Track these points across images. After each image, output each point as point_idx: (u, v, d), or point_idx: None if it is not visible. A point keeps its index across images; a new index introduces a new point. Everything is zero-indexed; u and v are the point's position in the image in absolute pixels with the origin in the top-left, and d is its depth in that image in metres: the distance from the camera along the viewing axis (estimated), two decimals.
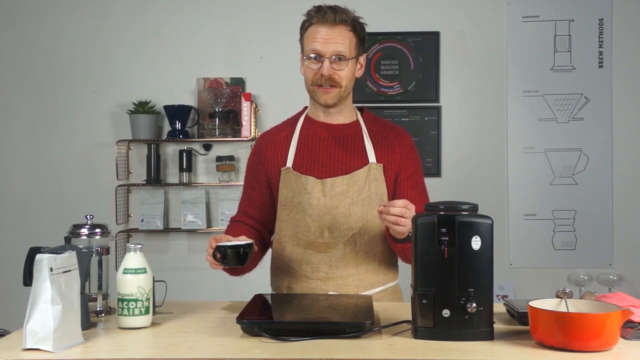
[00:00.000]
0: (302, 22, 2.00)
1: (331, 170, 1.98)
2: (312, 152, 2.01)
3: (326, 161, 1.99)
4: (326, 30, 1.92)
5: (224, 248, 1.77)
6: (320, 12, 1.94)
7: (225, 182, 3.76)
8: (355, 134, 2.03)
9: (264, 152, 2.08)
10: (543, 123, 3.79)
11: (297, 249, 1.99)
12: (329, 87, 1.95)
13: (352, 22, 1.96)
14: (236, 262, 1.79)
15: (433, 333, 1.49)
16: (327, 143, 2.01)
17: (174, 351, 1.45)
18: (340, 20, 1.93)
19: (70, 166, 3.90)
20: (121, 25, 3.89)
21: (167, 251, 3.87)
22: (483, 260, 1.49)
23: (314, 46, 1.93)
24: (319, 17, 1.93)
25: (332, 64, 1.92)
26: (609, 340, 1.39)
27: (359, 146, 2.01)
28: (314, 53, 1.93)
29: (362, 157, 2.00)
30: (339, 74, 1.94)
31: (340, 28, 1.93)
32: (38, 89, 3.91)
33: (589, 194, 3.76)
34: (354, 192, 1.95)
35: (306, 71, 1.97)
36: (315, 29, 1.94)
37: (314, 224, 1.96)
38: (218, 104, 3.75)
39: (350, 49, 1.94)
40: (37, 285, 1.43)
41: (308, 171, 1.99)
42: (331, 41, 1.92)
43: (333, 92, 1.96)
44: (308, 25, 1.97)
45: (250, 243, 1.81)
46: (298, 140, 2.04)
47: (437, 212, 1.52)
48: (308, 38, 1.96)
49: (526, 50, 3.78)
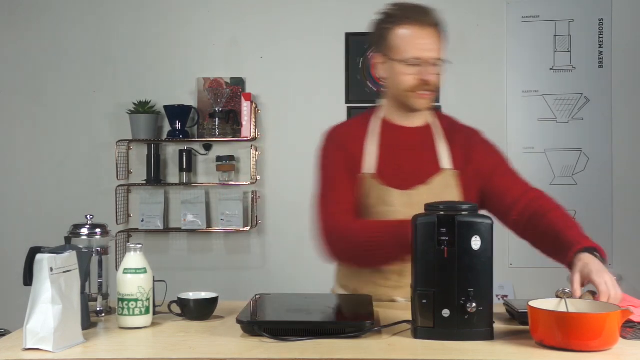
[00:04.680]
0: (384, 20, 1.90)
1: (412, 179, 1.90)
2: (395, 159, 1.92)
3: (408, 169, 1.91)
4: (424, 34, 1.85)
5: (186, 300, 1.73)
6: (408, 14, 1.86)
7: (225, 182, 3.76)
8: (429, 138, 1.96)
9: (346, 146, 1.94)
10: (543, 123, 3.79)
11: None
12: (428, 93, 1.89)
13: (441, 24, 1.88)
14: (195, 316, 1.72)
15: (433, 333, 1.49)
16: (408, 150, 1.94)
17: (174, 351, 1.45)
18: (434, 24, 1.86)
19: (70, 166, 3.90)
20: (121, 25, 3.89)
21: (167, 251, 3.87)
22: (483, 260, 1.49)
23: (415, 52, 1.84)
24: (409, 19, 1.85)
25: (429, 68, 1.85)
26: (608, 340, 1.39)
27: (432, 150, 1.94)
28: (415, 59, 1.84)
29: (435, 161, 1.93)
30: (437, 78, 1.87)
31: (433, 30, 1.86)
32: (38, 89, 3.91)
33: (589, 194, 3.76)
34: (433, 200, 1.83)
35: (402, 77, 1.87)
36: (410, 31, 1.85)
37: None
38: (218, 104, 3.75)
39: (442, 51, 1.88)
40: (38, 285, 1.43)
41: (391, 181, 1.89)
42: (431, 46, 1.85)
43: (430, 97, 1.91)
44: (397, 25, 1.86)
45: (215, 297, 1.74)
46: (379, 143, 1.93)
47: (437, 212, 1.52)
48: (403, 41, 1.85)
49: (526, 50, 3.78)
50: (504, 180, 1.94)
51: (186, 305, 1.73)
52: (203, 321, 1.71)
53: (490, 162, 1.96)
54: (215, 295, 1.76)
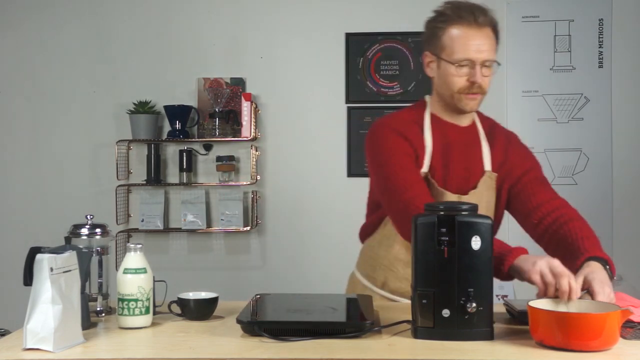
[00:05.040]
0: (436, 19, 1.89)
1: (462, 182, 1.91)
2: (446, 159, 1.92)
3: (459, 172, 1.91)
4: (476, 35, 1.83)
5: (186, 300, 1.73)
6: (459, 13, 1.84)
7: (225, 182, 3.76)
8: (475, 138, 1.97)
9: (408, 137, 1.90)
10: (543, 123, 3.79)
11: (406, 252, 1.93)
12: (478, 95, 1.88)
13: (493, 24, 1.87)
14: (195, 316, 1.72)
15: (433, 333, 1.49)
16: (458, 149, 1.93)
17: (174, 351, 1.45)
18: (486, 23, 1.84)
19: (70, 166, 3.90)
20: (121, 25, 3.89)
21: (167, 251, 3.87)
22: (483, 260, 1.49)
23: (466, 53, 1.83)
24: (461, 19, 1.83)
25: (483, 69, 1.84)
26: (608, 340, 1.39)
27: (477, 151, 1.95)
28: (467, 60, 1.83)
29: (479, 163, 1.93)
30: (487, 80, 1.86)
31: (487, 31, 1.85)
32: (38, 89, 3.91)
33: (589, 194, 3.76)
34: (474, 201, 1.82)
35: (451, 77, 1.86)
36: (462, 31, 1.83)
37: None
38: (218, 104, 3.75)
39: (495, 52, 1.88)
40: (38, 285, 1.43)
41: (444, 182, 1.89)
42: (483, 47, 1.83)
43: (479, 98, 1.89)
44: (449, 24, 1.85)
45: (215, 297, 1.75)
46: (432, 141, 1.92)
47: (437, 212, 1.52)
48: (455, 41, 1.84)
49: (526, 50, 3.78)
50: (533, 185, 1.95)
51: (186, 305, 1.73)
52: (203, 321, 1.71)
53: (524, 165, 1.97)
54: (215, 295, 1.76)
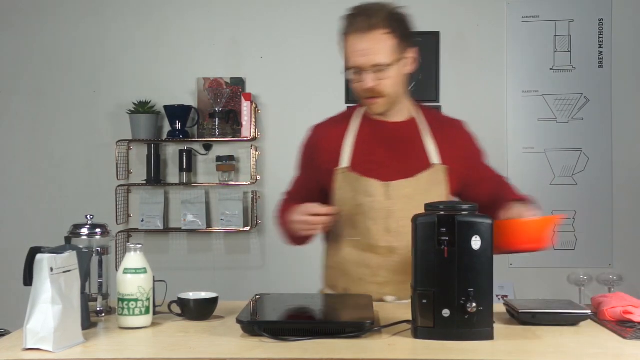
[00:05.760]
0: (340, 28, 1.90)
1: (393, 172, 1.91)
2: (372, 153, 1.94)
3: (387, 162, 1.93)
4: (362, 41, 1.83)
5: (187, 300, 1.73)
6: (353, 21, 1.85)
7: (225, 182, 3.76)
8: (415, 132, 1.97)
9: (318, 147, 2.01)
10: (543, 123, 3.79)
11: (355, 251, 1.94)
12: (376, 98, 1.89)
13: (390, 23, 1.84)
14: (195, 316, 1.72)
15: (433, 333, 1.49)
16: (385, 143, 1.95)
17: (174, 351, 1.45)
18: (374, 26, 1.82)
19: (70, 166, 3.90)
20: (121, 25, 3.89)
21: (167, 251, 3.87)
22: (483, 260, 1.49)
23: (353, 61, 1.85)
24: (353, 27, 1.84)
25: (374, 74, 1.84)
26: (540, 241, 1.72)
27: (419, 145, 1.95)
28: (354, 67, 1.86)
29: (423, 157, 1.94)
30: (382, 83, 1.86)
31: (376, 34, 1.83)
32: (38, 89, 3.91)
33: (589, 194, 3.76)
34: (418, 195, 1.86)
35: (352, 84, 1.91)
36: (351, 40, 1.85)
37: (375, 227, 1.90)
38: (218, 104, 3.75)
39: (391, 53, 1.84)
40: (38, 285, 1.43)
41: (369, 172, 1.91)
42: (368, 53, 1.82)
43: (380, 102, 1.90)
44: (344, 33, 1.88)
45: (215, 297, 1.75)
46: (356, 139, 1.96)
47: (437, 212, 1.52)
48: (347, 50, 1.87)
49: (526, 50, 3.78)
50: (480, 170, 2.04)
51: (186, 305, 1.73)
52: (203, 321, 1.71)
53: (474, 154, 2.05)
54: (215, 295, 1.76)
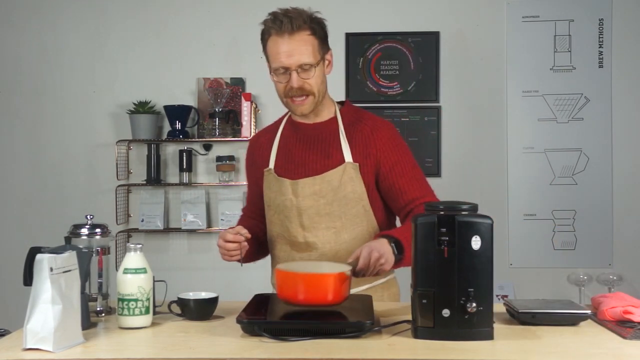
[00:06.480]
0: (262, 32, 1.97)
1: (304, 171, 1.98)
2: (290, 154, 2.03)
3: (300, 162, 2.00)
4: (286, 42, 1.88)
5: (187, 300, 1.73)
6: (277, 22, 1.90)
7: (225, 182, 3.76)
8: (332, 132, 2.01)
9: (253, 154, 2.14)
10: (543, 123, 3.79)
11: (285, 247, 2.03)
12: (303, 98, 1.93)
13: (311, 25, 1.91)
14: (195, 316, 1.73)
15: (433, 333, 1.49)
16: (303, 144, 2.02)
17: (174, 351, 1.45)
18: (298, 27, 1.88)
19: (70, 166, 3.90)
20: (121, 25, 3.89)
21: (167, 251, 3.87)
22: (483, 260, 1.49)
23: (278, 61, 1.90)
24: (277, 28, 1.89)
25: (299, 74, 1.89)
26: (336, 297, 1.60)
27: (334, 145, 1.99)
28: (280, 67, 1.90)
29: (337, 156, 1.98)
30: (309, 82, 1.91)
31: (300, 35, 1.89)
32: (38, 89, 3.91)
33: (589, 194, 3.76)
34: (328, 192, 1.94)
35: (275, 85, 1.95)
36: (275, 41, 1.90)
37: (290, 224, 1.99)
38: (218, 104, 3.75)
39: (314, 53, 1.91)
40: (38, 285, 1.43)
41: (285, 173, 2.01)
42: (294, 52, 1.88)
43: (308, 101, 1.94)
44: (267, 36, 1.93)
45: (215, 297, 1.75)
46: (279, 142, 2.06)
47: (437, 212, 1.52)
48: (271, 51, 1.92)
49: (526, 50, 3.78)
50: (396, 179, 1.97)
51: (186, 305, 1.73)
52: (203, 321, 1.71)
53: (391, 159, 1.98)
54: (215, 295, 1.76)
